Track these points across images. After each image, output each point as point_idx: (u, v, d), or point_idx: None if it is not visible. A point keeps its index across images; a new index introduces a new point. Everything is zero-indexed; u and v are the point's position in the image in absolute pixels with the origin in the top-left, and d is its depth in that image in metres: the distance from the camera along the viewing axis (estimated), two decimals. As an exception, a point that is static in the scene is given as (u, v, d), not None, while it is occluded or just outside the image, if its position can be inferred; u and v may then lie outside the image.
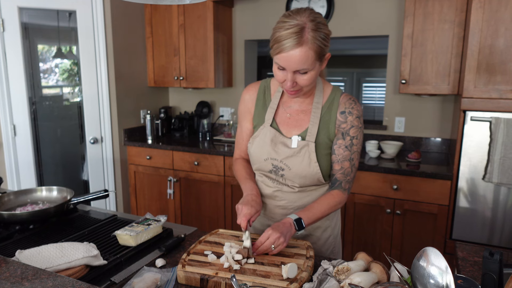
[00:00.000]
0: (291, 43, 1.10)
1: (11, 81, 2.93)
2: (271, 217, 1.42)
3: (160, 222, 1.38)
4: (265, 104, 1.37)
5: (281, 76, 1.19)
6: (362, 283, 0.96)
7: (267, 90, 1.38)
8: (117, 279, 1.10)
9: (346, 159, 1.29)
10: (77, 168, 3.50)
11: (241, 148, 1.46)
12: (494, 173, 2.16)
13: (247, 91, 1.41)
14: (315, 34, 1.11)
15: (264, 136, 1.32)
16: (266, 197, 1.40)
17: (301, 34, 1.10)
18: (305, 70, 1.15)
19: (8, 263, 0.99)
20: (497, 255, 0.85)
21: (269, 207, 1.41)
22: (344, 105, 1.29)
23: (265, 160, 1.32)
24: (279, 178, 1.34)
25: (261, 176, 1.40)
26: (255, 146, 1.34)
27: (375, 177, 2.51)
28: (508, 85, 2.12)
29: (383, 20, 2.91)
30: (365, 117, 7.09)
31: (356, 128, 1.28)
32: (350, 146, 1.29)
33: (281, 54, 1.13)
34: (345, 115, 1.28)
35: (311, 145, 1.28)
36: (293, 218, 1.21)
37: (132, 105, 3.44)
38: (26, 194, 1.66)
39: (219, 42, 3.31)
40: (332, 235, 1.44)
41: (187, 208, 3.26)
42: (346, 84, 7.32)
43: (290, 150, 1.29)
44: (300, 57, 1.11)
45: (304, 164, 1.28)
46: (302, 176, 1.29)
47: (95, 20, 3.07)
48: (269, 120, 1.33)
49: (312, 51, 1.12)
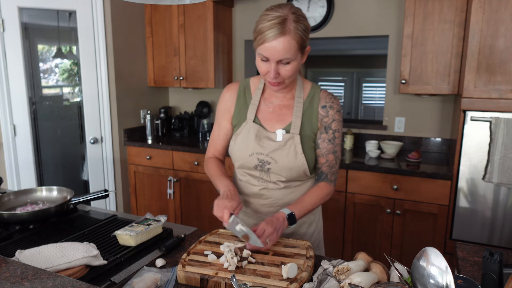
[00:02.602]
0: (274, 32, 1.13)
1: (11, 81, 2.93)
2: (258, 217, 1.42)
3: (160, 222, 1.38)
4: (246, 102, 1.38)
5: (264, 67, 1.21)
6: (362, 283, 0.96)
7: (247, 89, 1.40)
8: (117, 279, 1.10)
9: (330, 152, 1.34)
10: (77, 168, 3.50)
11: (215, 147, 1.46)
12: (494, 173, 2.17)
13: (228, 90, 1.42)
14: (297, 25, 1.16)
15: (248, 132, 1.33)
16: (251, 196, 1.40)
17: (284, 24, 1.14)
18: (288, 60, 1.18)
19: (8, 263, 0.99)
20: (497, 255, 0.85)
21: (255, 206, 1.41)
22: (324, 100, 1.34)
23: (250, 155, 1.33)
24: (263, 175, 1.35)
25: (245, 175, 1.40)
26: (239, 143, 1.35)
27: (375, 177, 2.51)
28: (508, 85, 2.12)
29: (383, 20, 2.91)
30: (365, 117, 7.09)
31: (337, 122, 1.34)
32: (333, 139, 1.34)
33: (264, 45, 1.16)
34: (327, 109, 1.33)
35: (296, 137, 1.30)
36: (286, 213, 1.22)
37: (132, 105, 3.44)
38: (26, 194, 1.66)
39: (219, 42, 3.31)
40: (317, 230, 1.47)
41: (187, 208, 3.26)
42: (346, 84, 7.32)
43: (275, 143, 1.31)
44: (283, 46, 1.14)
45: (290, 157, 1.30)
46: (289, 168, 1.31)
47: (95, 20, 3.07)
48: (252, 117, 1.35)
49: (295, 41, 1.16)
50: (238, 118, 1.38)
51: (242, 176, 1.41)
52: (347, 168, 2.57)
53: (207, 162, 1.47)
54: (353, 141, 3.05)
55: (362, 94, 7.23)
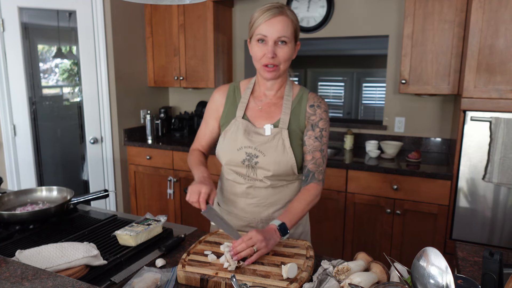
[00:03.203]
0: (273, 12, 1.23)
1: (11, 81, 2.93)
2: (242, 217, 1.41)
3: (160, 222, 1.38)
4: (235, 101, 1.42)
5: (260, 51, 1.26)
6: (362, 283, 0.96)
7: (236, 89, 1.44)
8: (117, 279, 1.10)
9: (317, 149, 1.34)
10: (77, 168, 3.50)
11: (200, 142, 1.50)
12: (494, 173, 2.17)
13: (217, 91, 1.46)
14: (292, 14, 1.27)
15: (237, 128, 1.36)
16: (237, 196, 1.40)
17: (282, 8, 1.25)
18: (285, 39, 1.24)
19: (8, 263, 0.99)
20: (497, 255, 0.85)
21: (241, 206, 1.40)
22: (312, 100, 1.38)
23: (238, 149, 1.34)
24: (250, 172, 1.35)
25: (231, 173, 1.40)
26: (228, 138, 1.36)
27: (375, 177, 2.51)
28: (508, 85, 2.12)
29: (383, 20, 2.91)
30: (365, 117, 7.09)
31: (324, 121, 1.36)
32: (320, 137, 1.35)
33: (263, 23, 1.23)
34: (314, 108, 1.36)
35: (284, 132, 1.32)
36: (277, 224, 1.18)
37: (132, 105, 3.44)
38: (26, 194, 1.66)
39: (219, 42, 3.31)
40: (304, 232, 1.46)
41: (187, 208, 3.26)
42: (346, 84, 7.32)
43: (264, 137, 1.33)
44: (282, 24, 1.23)
45: (278, 150, 1.31)
46: (277, 162, 1.31)
47: (95, 20, 3.07)
48: (241, 114, 1.38)
49: (292, 24, 1.26)
50: (227, 117, 1.41)
51: (228, 174, 1.42)
52: (347, 168, 2.58)
53: (190, 153, 1.50)
54: (353, 141, 3.05)
55: (362, 94, 7.22)
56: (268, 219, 1.39)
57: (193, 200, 1.22)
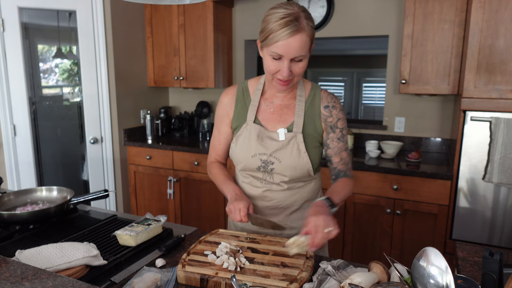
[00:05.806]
0: (290, 29, 1.13)
1: (11, 81, 2.93)
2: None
3: (160, 222, 1.38)
4: (245, 104, 1.37)
5: (274, 66, 1.20)
6: (363, 283, 0.96)
7: (245, 91, 1.39)
8: (117, 279, 1.10)
9: (342, 150, 1.35)
10: (77, 168, 3.50)
11: (217, 152, 1.46)
12: (494, 173, 2.16)
13: (226, 95, 1.41)
14: (308, 22, 1.17)
15: (249, 133, 1.32)
16: (254, 199, 1.39)
17: (298, 22, 1.14)
18: (301, 57, 1.18)
19: (8, 263, 0.99)
20: (497, 255, 0.85)
21: (258, 208, 1.39)
22: (326, 100, 1.34)
23: (252, 156, 1.31)
24: (267, 177, 1.34)
25: (247, 177, 1.39)
26: (240, 144, 1.34)
27: (375, 177, 2.51)
28: (508, 85, 2.12)
29: (383, 20, 2.91)
30: (365, 117, 7.09)
31: (342, 120, 1.35)
32: (342, 137, 1.35)
33: (279, 43, 1.14)
34: (329, 109, 1.34)
35: (299, 136, 1.29)
36: (322, 199, 1.20)
37: (132, 105, 3.44)
38: (26, 194, 1.66)
39: (219, 42, 3.31)
40: None
41: (187, 208, 3.26)
42: (346, 84, 7.32)
43: (278, 143, 1.30)
44: (299, 43, 1.15)
45: (294, 155, 1.29)
46: (293, 167, 1.30)
47: (95, 20, 3.07)
48: (252, 118, 1.34)
49: (308, 38, 1.17)
50: (237, 121, 1.37)
51: (244, 178, 1.40)
52: (347, 168, 2.57)
53: (210, 167, 1.47)
54: (353, 141, 3.05)
55: (362, 94, 7.23)
56: (285, 221, 1.39)
57: (238, 219, 1.22)
